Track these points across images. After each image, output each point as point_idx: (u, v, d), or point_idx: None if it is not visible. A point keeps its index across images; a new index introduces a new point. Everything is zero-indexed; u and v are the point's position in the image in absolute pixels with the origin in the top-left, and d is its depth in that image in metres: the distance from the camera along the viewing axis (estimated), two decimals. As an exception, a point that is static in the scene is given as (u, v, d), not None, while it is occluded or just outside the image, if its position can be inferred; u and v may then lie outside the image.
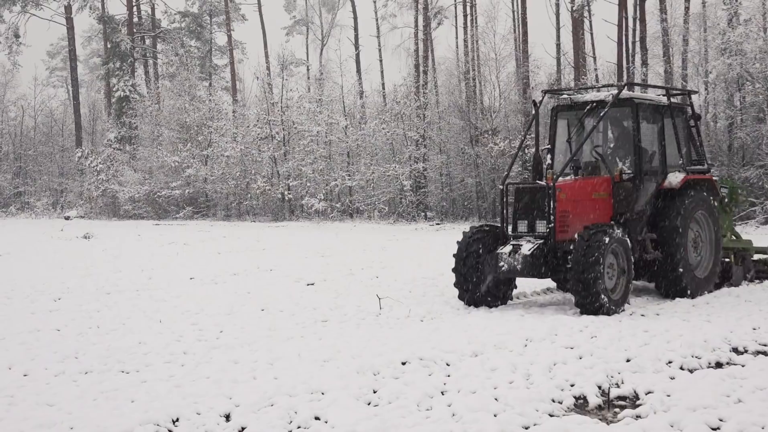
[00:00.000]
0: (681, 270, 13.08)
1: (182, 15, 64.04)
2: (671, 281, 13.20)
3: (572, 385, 7.78)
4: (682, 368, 8.55)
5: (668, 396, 7.37)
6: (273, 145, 46.45)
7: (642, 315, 11.74)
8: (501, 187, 12.77)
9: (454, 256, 12.67)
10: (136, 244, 28.28)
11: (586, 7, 41.81)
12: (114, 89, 59.61)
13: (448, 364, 8.74)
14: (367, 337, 10.32)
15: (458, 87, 45.10)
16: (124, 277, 17.39)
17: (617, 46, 39.81)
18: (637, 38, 39.82)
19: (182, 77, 53.42)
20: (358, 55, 56.44)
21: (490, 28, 46.58)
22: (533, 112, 13.09)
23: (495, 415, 6.78)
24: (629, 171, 13.24)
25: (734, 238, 15.42)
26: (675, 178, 13.47)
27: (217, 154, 48.01)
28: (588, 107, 13.38)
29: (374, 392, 7.64)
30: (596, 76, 41.99)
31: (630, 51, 40.36)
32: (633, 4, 39.59)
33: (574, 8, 40.53)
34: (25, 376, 8.42)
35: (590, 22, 42.96)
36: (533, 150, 14.25)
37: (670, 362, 8.72)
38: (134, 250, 25.73)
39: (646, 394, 7.52)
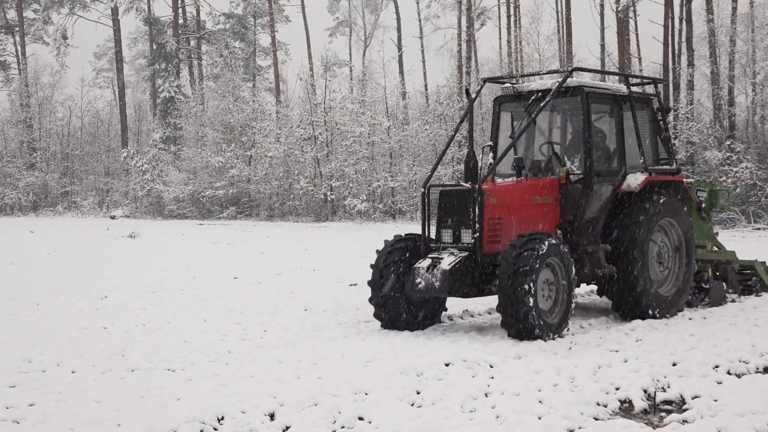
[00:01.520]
0: (639, 288, 11.32)
1: (227, 16, 64.48)
2: (629, 301, 11.45)
3: (617, 389, 7.71)
4: (729, 373, 8.44)
5: (715, 401, 7.28)
6: (316, 145, 46.59)
7: (690, 319, 11.61)
8: (422, 190, 11.04)
9: (371, 266, 11.09)
10: (181, 244, 28.53)
11: (632, 8, 41.39)
12: (159, 90, 60.19)
13: (491, 366, 8.71)
14: (411, 337, 10.32)
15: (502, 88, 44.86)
16: (169, 276, 17.56)
17: (663, 46, 39.39)
18: (684, 39, 39.36)
19: (226, 78, 53.80)
20: (401, 56, 56.52)
21: (534, 29, 46.46)
22: (469, 103, 11.29)
23: (539, 418, 6.74)
24: (578, 171, 11.46)
25: (716, 249, 13.74)
26: (635, 180, 11.63)
27: (261, 154, 48.25)
28: (533, 97, 11.67)
29: (417, 393, 7.64)
30: (641, 77, 41.54)
31: (676, 52, 39.90)
32: (679, 5, 39.13)
33: (619, 9, 40.16)
34: (73, 372, 8.54)
35: (635, 22, 42.52)
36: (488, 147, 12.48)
37: (717, 367, 8.61)
38: (179, 249, 25.96)
39: (692, 399, 7.44)
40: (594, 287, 13.58)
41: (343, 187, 45.24)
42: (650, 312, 11.44)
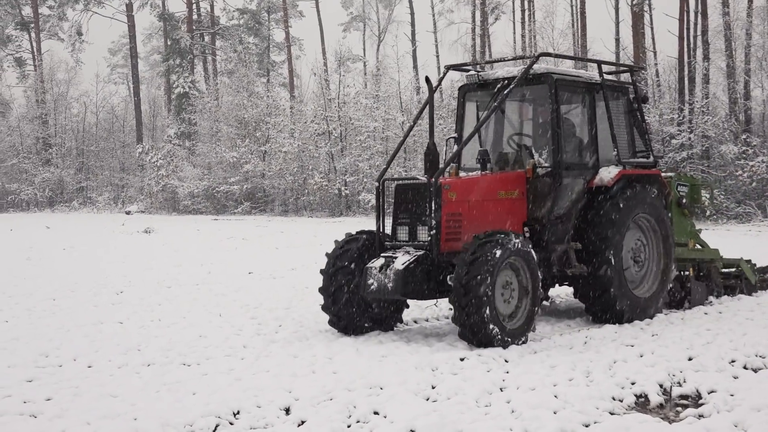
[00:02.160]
0: (613, 289, 10.62)
1: (240, 12, 64.60)
2: (601, 303, 10.78)
3: (633, 384, 7.69)
4: (745, 368, 8.39)
5: (732, 396, 7.25)
6: (330, 141, 46.63)
7: (705, 313, 11.56)
8: (376, 184, 10.30)
9: (321, 272, 10.28)
10: (196, 239, 28.62)
11: (647, 1, 41.23)
12: (174, 86, 60.40)
13: (506, 361, 8.70)
14: (425, 333, 10.32)
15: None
16: (184, 271, 17.61)
17: (678, 40, 39.21)
18: (699, 32, 39.19)
19: (240, 73, 53.90)
20: (414, 51, 56.49)
21: (549, 23, 46.33)
22: (429, 92, 10.38)
23: (555, 413, 6.73)
24: (547, 164, 10.74)
25: (699, 247, 13.01)
26: (607, 174, 10.93)
27: (275, 149, 48.33)
28: (499, 86, 10.90)
29: (433, 388, 7.63)
30: (656, 71, 41.43)
31: (691, 45, 39.72)
32: (694, -2, 38.98)
33: (634, 2, 39.98)
34: (89, 367, 8.57)
35: (650, 16, 42.37)
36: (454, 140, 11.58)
37: (733, 361, 8.57)
38: (194, 244, 26.04)
39: (708, 394, 7.40)
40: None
41: (358, 182, 45.27)
42: (625, 315, 10.76)
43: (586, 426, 6.46)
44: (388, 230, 10.08)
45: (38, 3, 67.30)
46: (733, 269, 13.36)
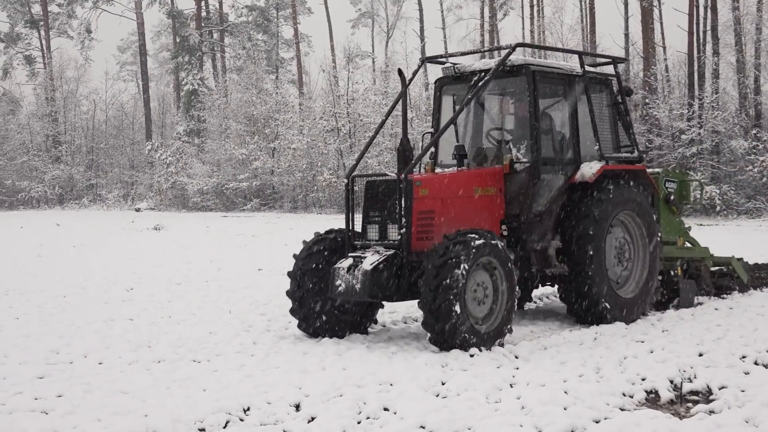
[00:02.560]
0: (595, 289, 10.26)
1: (249, 9, 64.64)
2: (583, 304, 10.40)
3: (643, 380, 7.67)
4: (756, 363, 8.36)
5: (743, 391, 7.23)
6: (339, 137, 46.65)
7: (716, 309, 11.54)
8: (345, 180, 9.97)
9: (288, 275, 9.93)
10: (205, 236, 28.67)
11: (656, -4, 41.11)
12: (183, 83, 60.49)
13: (516, 357, 8.71)
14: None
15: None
16: (194, 268, 17.65)
17: (688, 35, 39.10)
18: (709, 27, 39.08)
19: (249, 70, 53.94)
20: (423, 47, 56.43)
21: (557, 19, 46.26)
22: (402, 85, 10.25)
23: (565, 409, 6.72)
24: (525, 160, 10.31)
25: (689, 245, 12.68)
26: (589, 169, 10.53)
27: (284, 146, 48.37)
28: (476, 78, 10.45)
29: (443, 384, 7.63)
30: (666, 66, 41.31)
31: (701, 40, 39.61)
32: (704, -7, 38.84)
33: (643, -3, 39.90)
34: (100, 364, 8.59)
35: (660, 11, 42.24)
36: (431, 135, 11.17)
37: (744, 357, 8.55)
38: (203, 241, 26.09)
39: (719, 389, 7.38)
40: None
41: (367, 178, 45.22)
42: (608, 316, 10.38)
43: (597, 422, 6.44)
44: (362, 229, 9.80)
45: (47, 1, 67.48)
46: (725, 268, 13.06)
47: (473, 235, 8.88)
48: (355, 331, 9.94)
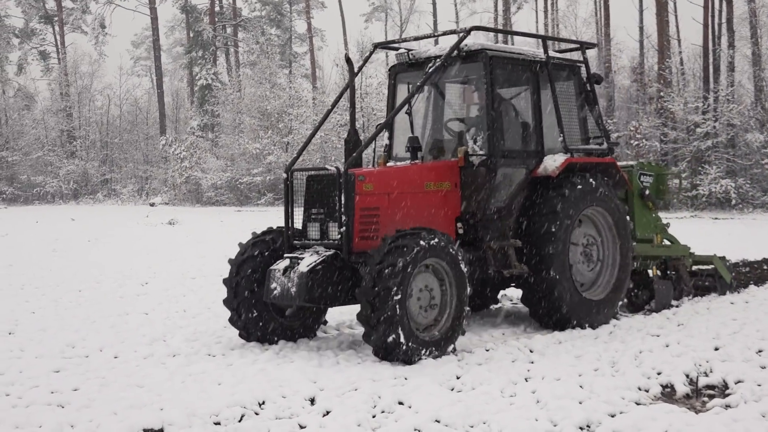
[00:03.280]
0: (557, 292, 9.57)
1: (263, 3, 64.69)
2: (545, 307, 9.71)
3: (659, 374, 7.65)
4: (773, 357, 8.34)
5: (759, 386, 7.18)
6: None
7: (731, 303, 11.48)
8: (284, 175, 9.32)
9: (224, 282, 9.26)
10: (219, 230, 28.72)
11: (671, -11, 40.91)
12: (196, 78, 60.60)
13: (531, 351, 8.70)
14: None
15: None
16: (208, 263, 17.67)
17: (703, 28, 38.93)
18: (724, 20, 38.87)
19: (263, 65, 53.99)
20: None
21: (572, 12, 46.12)
22: (350, 73, 9.66)
23: (580, 403, 6.70)
24: (482, 152, 9.57)
25: (668, 242, 12.04)
26: (552, 162, 9.82)
27: (298, 141, 48.38)
28: (431, 64, 9.65)
29: (457, 378, 7.63)
30: (681, 59, 41.12)
31: (716, 33, 39.42)
32: (719, -15, 38.63)
33: (658, -10, 39.70)
34: (115, 358, 8.62)
35: (675, 3, 42.05)
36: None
37: (760, 351, 8.50)
38: (217, 236, 26.12)
39: (735, 384, 7.34)
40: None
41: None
42: (573, 320, 9.75)
43: (612, 416, 6.43)
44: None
45: (62, -4, 67.71)
46: (707, 267, 12.41)
47: (415, 236, 8.20)
48: (302, 337, 9.34)
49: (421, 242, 8.13)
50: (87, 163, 62.99)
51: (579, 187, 9.86)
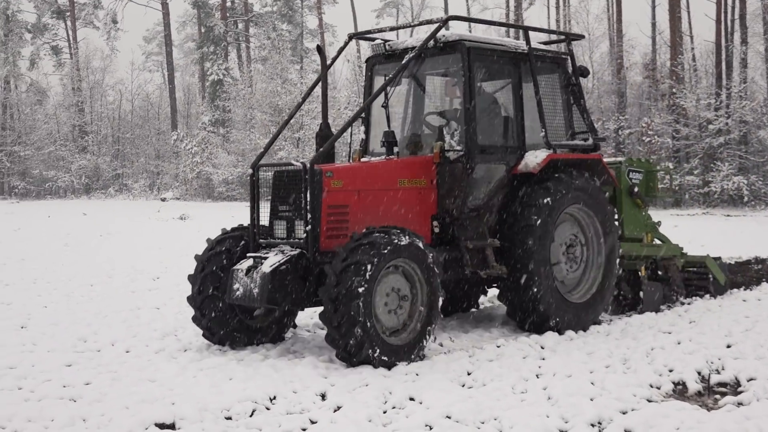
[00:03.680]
0: (537, 293, 9.14)
1: (274, -1, 64.67)
2: (524, 309, 9.31)
3: (671, 371, 7.63)
4: (786, 355, 8.30)
5: (772, 383, 7.17)
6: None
7: (744, 300, 11.45)
8: (250, 170, 9.12)
9: (188, 278, 8.92)
10: (230, 225, 28.67)
11: (684, -15, 40.76)
12: (208, 73, 60.66)
13: (542, 348, 8.69)
14: (461, 320, 10.30)
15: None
16: (220, 258, 17.68)
17: (716, 24, 38.76)
18: (737, 16, 38.70)
19: (274, 61, 53.97)
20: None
21: (583, 8, 45.99)
22: (322, 64, 9.39)
23: (591, 399, 6.69)
24: (458, 148, 9.19)
25: (659, 242, 11.59)
26: (534, 159, 9.44)
27: (309, 136, 48.37)
28: (408, 55, 9.10)
29: (468, 374, 7.63)
30: (693, 55, 40.97)
31: (729, 29, 39.25)
32: (732, -19, 38.47)
33: (670, -14, 39.55)
34: (127, 352, 8.64)
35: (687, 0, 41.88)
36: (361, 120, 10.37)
37: (773, 349, 8.48)
38: (228, 231, 26.11)
39: (748, 381, 7.33)
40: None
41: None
42: (552, 323, 9.31)
43: (624, 413, 6.41)
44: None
45: (74, -9, 67.85)
46: (699, 268, 11.97)
47: (384, 234, 7.85)
48: (270, 340, 8.96)
49: (391, 241, 7.77)
50: (99, 158, 63.14)
51: (561, 184, 9.46)
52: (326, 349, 8.60)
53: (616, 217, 10.47)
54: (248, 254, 8.53)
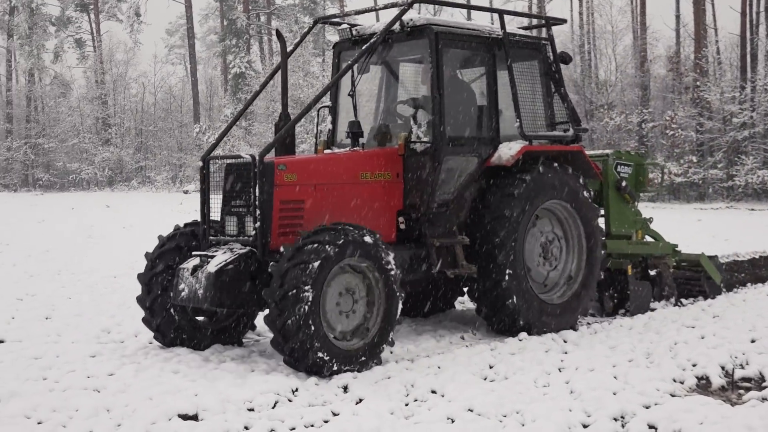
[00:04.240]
0: (509, 294, 8.66)
1: (296, -9, 64.68)
2: (495, 310, 8.83)
3: (694, 366, 7.59)
4: (811, 350, 8.24)
5: (797, 378, 7.13)
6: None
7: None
8: (200, 163, 8.60)
9: (138, 277, 8.52)
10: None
11: (708, -23, 40.42)
12: (230, 66, 60.75)
13: (565, 341, 8.68)
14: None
15: (572, 61, 44.40)
16: (242, 250, 17.74)
17: (741, 16, 38.42)
18: (762, 8, 38.36)
19: (296, 53, 54.04)
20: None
21: (607, 0, 45.57)
22: (282, 50, 8.81)
23: (614, 394, 6.67)
24: (426, 139, 8.62)
25: (651, 239, 11.09)
26: (507, 151, 8.89)
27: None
28: (373, 41, 8.60)
29: (491, 367, 7.63)
30: (717, 48, 40.64)
31: (754, 22, 38.91)
32: (758, -27, 38.14)
33: (695, -22, 39.23)
34: (150, 343, 8.65)
35: (712, -9, 41.54)
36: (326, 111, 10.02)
37: (798, 344, 8.42)
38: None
39: (772, 376, 7.29)
40: None
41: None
42: (527, 325, 8.82)
43: (647, 407, 6.38)
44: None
45: (97, -16, 68.17)
46: (694, 267, 11.35)
47: (336, 232, 7.35)
48: (226, 342, 8.47)
49: (342, 239, 7.28)
50: (122, 150, 63.46)
51: (537, 177, 8.96)
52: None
53: (601, 213, 10.14)
54: (194, 252, 8.05)
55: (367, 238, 7.47)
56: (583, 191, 9.44)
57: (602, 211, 10.31)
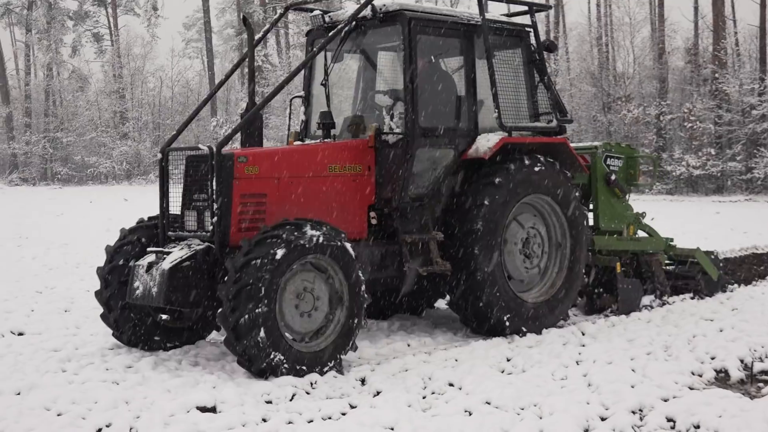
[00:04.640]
0: (486, 293, 8.28)
1: (313, -15, 64.63)
2: (471, 310, 8.42)
3: (713, 358, 7.57)
4: (831, 343, 8.19)
5: (816, 372, 7.09)
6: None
7: (787, 287, 11.31)
8: (159, 155, 8.26)
9: (97, 272, 8.17)
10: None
11: (727, -32, 40.12)
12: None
13: (583, 334, 8.66)
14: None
15: (590, 53, 44.19)
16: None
17: (760, 8, 38.11)
18: (782, -1, 38.02)
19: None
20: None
21: (625, -8, 45.30)
22: (249, 37, 8.59)
23: (632, 386, 6.65)
24: (398, 130, 8.31)
25: (645, 234, 10.67)
26: (485, 142, 8.50)
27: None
28: (347, 28, 8.34)
29: (508, 360, 7.62)
30: (736, 40, 40.37)
31: (774, 13, 38.57)
32: (778, -37, 37.81)
33: (713, -31, 38.96)
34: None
35: (731, -17, 41.25)
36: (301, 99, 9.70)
37: (817, 337, 8.37)
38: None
39: (792, 370, 7.25)
40: None
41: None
42: (506, 325, 8.45)
43: (665, 400, 6.37)
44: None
45: (115, -21, 68.37)
46: (689, 262, 10.92)
47: (295, 227, 7.05)
48: (186, 342, 8.17)
49: (303, 234, 6.98)
50: (139, 144, 63.65)
51: (517, 170, 8.56)
52: (365, 333, 8.62)
53: (589, 208, 9.92)
54: (149, 249, 7.75)
55: (331, 234, 7.17)
56: (566, 185, 9.04)
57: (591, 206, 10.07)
